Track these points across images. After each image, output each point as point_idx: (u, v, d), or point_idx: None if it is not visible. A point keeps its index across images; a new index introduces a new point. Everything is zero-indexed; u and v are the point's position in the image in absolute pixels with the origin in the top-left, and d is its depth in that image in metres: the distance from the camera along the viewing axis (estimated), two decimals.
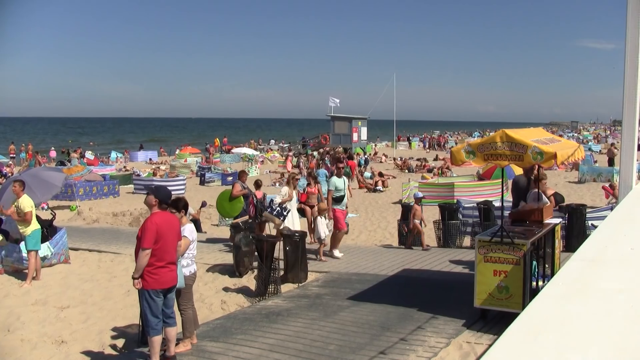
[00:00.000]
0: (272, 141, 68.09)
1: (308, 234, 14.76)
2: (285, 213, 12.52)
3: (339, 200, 12.55)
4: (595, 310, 3.45)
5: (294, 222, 12.76)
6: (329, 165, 35.50)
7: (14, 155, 46.49)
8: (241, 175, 14.99)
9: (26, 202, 11.20)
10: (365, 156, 43.75)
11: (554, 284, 3.83)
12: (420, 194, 14.53)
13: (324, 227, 12.60)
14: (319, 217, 12.71)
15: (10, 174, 32.50)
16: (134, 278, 6.79)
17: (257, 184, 14.22)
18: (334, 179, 12.66)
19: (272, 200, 12.82)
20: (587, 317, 3.34)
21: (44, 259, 12.03)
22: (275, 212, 12.53)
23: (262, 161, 45.06)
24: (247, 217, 13.54)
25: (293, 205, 12.79)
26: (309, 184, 14.97)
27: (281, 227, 12.37)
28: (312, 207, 14.39)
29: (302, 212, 14.73)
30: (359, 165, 37.95)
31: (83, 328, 8.86)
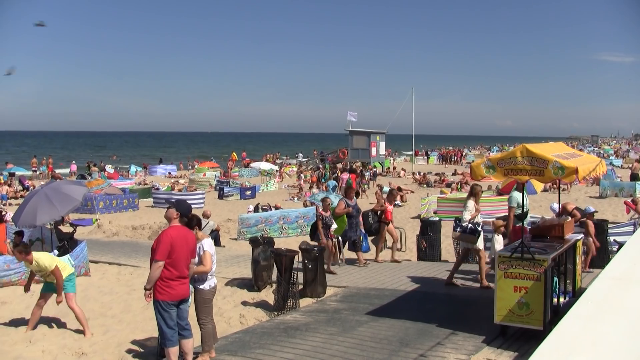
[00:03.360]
0: (300, 154, 67.49)
1: (377, 253, 13.93)
2: (480, 229, 10.91)
3: (521, 217, 10.70)
4: (626, 330, 3.39)
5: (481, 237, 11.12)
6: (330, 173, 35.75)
7: (36, 169, 47.05)
8: (348, 192, 13.86)
9: (45, 261, 9.14)
10: (374, 169, 43.62)
11: (582, 303, 3.77)
12: (592, 209, 12.83)
13: (501, 246, 10.82)
14: (495, 235, 11.14)
15: (32, 187, 32.89)
16: (145, 289, 6.90)
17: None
18: (515, 193, 10.92)
19: (458, 219, 11.19)
20: (618, 337, 3.29)
21: None
22: (468, 230, 10.80)
23: (281, 175, 45.06)
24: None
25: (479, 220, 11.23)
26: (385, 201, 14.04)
27: (476, 246, 10.90)
28: (387, 224, 13.76)
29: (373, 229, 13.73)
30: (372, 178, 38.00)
31: (102, 340, 8.90)
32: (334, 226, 13.06)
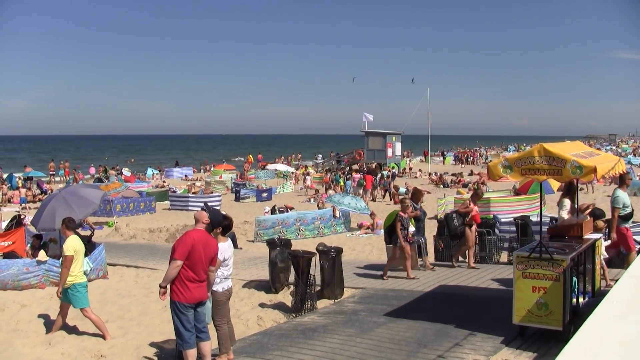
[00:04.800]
0: (320, 156, 67.22)
1: (470, 260, 13.00)
2: None
3: (626, 218, 10.65)
4: None
5: None
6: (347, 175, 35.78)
7: (54, 172, 47.38)
8: (414, 195, 13.35)
9: (68, 244, 9.11)
10: (393, 170, 43.43)
11: (608, 302, 3.72)
12: None
13: (602, 247, 10.11)
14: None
15: (50, 191, 33.19)
16: (160, 286, 6.95)
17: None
18: (619, 192, 10.49)
19: (554, 219, 10.59)
20: None
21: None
22: None
23: (297, 177, 45.00)
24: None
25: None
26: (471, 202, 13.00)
27: None
28: (471, 226, 12.73)
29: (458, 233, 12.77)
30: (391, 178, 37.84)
31: (121, 343, 8.96)
32: (412, 229, 12.47)
